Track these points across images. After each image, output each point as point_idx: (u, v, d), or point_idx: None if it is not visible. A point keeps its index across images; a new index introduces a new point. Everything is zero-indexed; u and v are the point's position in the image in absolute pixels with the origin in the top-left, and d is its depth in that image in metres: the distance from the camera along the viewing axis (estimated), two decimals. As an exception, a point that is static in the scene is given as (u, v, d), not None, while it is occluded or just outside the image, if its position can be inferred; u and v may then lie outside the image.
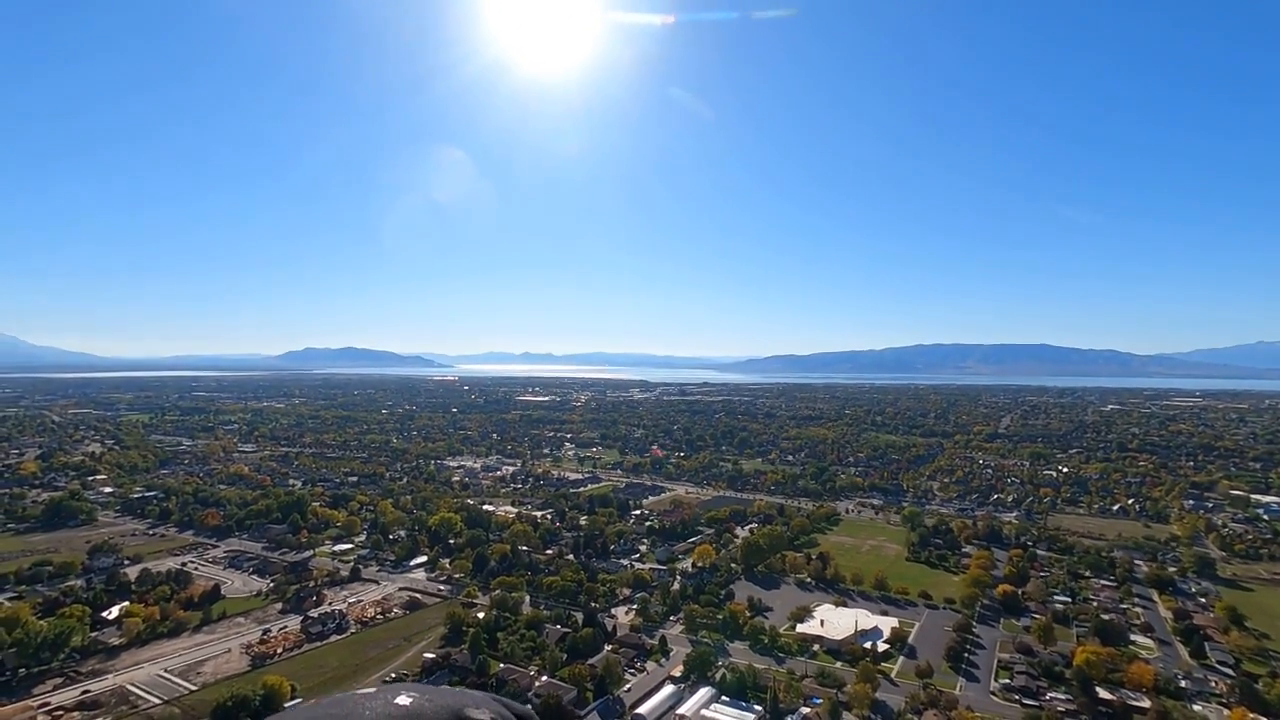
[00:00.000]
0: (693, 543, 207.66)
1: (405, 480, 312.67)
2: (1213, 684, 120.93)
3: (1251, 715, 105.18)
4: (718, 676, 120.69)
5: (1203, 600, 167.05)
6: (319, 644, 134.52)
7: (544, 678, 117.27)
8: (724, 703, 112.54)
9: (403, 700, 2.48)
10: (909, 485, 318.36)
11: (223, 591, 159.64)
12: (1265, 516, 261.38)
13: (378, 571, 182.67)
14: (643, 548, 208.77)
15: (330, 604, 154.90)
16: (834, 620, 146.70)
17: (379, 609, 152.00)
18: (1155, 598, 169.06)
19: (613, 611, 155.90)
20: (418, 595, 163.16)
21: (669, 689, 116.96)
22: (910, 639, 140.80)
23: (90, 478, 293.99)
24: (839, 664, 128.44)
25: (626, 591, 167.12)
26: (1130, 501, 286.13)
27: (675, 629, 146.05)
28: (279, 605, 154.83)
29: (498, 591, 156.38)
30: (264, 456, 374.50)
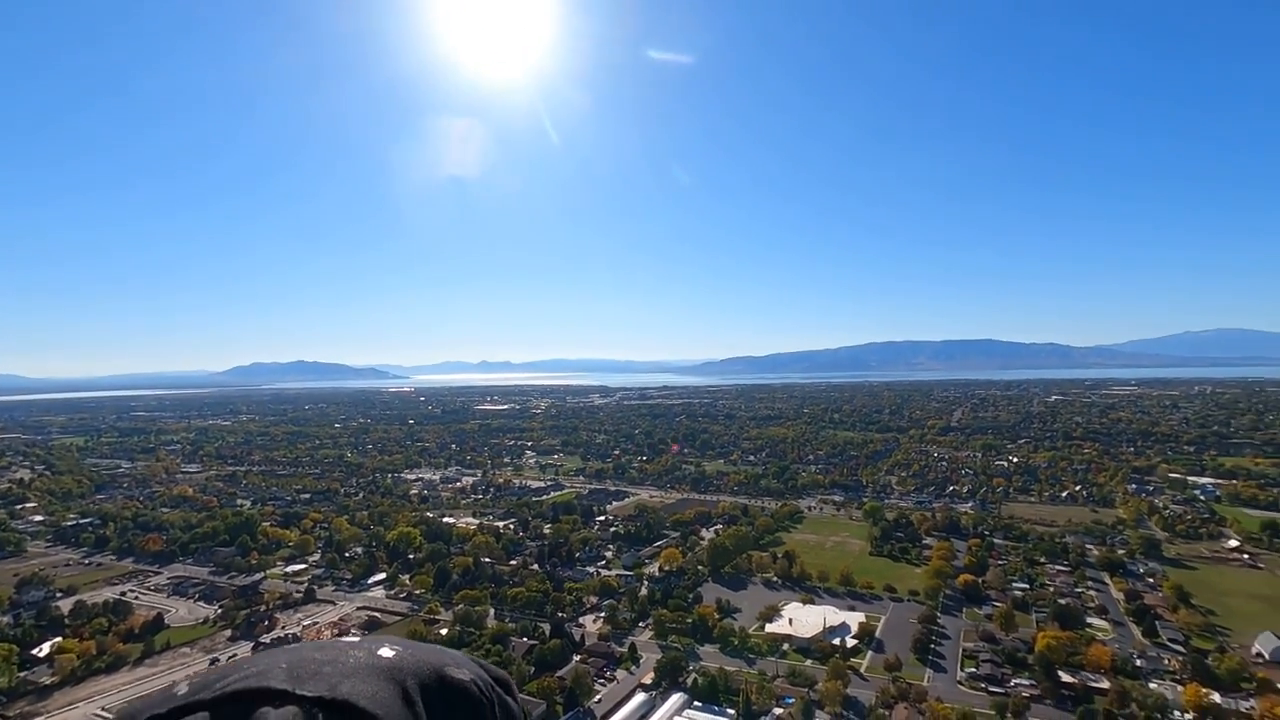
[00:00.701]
0: (659, 547, 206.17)
1: (361, 495, 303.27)
2: (1166, 661, 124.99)
3: (1204, 690, 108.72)
4: (689, 681, 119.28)
5: (1151, 580, 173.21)
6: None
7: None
8: (696, 708, 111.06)
9: (385, 652, 2.45)
10: (868, 480, 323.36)
11: (166, 621, 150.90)
12: (1202, 497, 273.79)
13: (334, 591, 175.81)
14: (608, 554, 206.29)
15: (284, 628, 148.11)
16: (802, 618, 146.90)
17: (336, 630, 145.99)
18: (1107, 580, 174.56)
19: (580, 620, 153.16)
20: (377, 614, 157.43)
21: (640, 697, 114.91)
22: (877, 633, 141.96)
23: (18, 506, 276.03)
24: (809, 662, 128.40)
25: (594, 599, 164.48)
26: (1078, 488, 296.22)
27: (644, 635, 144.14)
28: (228, 632, 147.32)
29: (461, 606, 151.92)
30: (210, 477, 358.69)
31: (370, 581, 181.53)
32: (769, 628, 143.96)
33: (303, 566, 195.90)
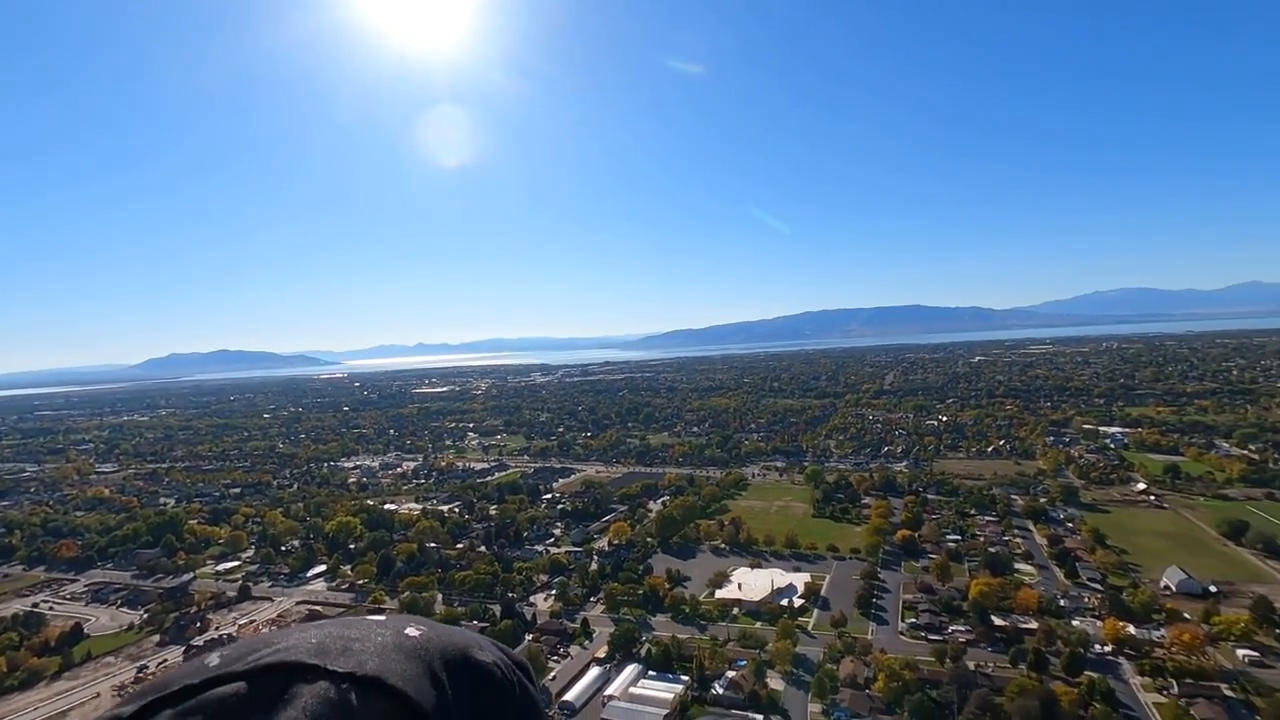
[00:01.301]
0: (607, 521, 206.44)
1: (295, 486, 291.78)
2: (1086, 600, 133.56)
3: (1121, 624, 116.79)
4: (643, 652, 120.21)
5: (1070, 525, 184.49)
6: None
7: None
8: (651, 677, 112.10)
9: (411, 631, 2.51)
10: (808, 445, 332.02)
11: (86, 630, 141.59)
12: (1112, 445, 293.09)
13: (270, 587, 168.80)
14: (557, 531, 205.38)
15: (217, 629, 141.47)
16: (751, 582, 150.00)
17: (275, 627, 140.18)
18: (1031, 527, 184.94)
19: (531, 599, 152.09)
20: (318, 608, 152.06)
21: (595, 671, 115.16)
22: (823, 591, 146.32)
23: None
24: (759, 624, 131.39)
25: (544, 578, 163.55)
26: (1002, 442, 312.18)
27: (596, 610, 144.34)
28: (156, 638, 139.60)
29: (407, 594, 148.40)
30: (128, 476, 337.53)
31: (309, 575, 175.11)
32: (719, 594, 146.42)
33: (235, 564, 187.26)
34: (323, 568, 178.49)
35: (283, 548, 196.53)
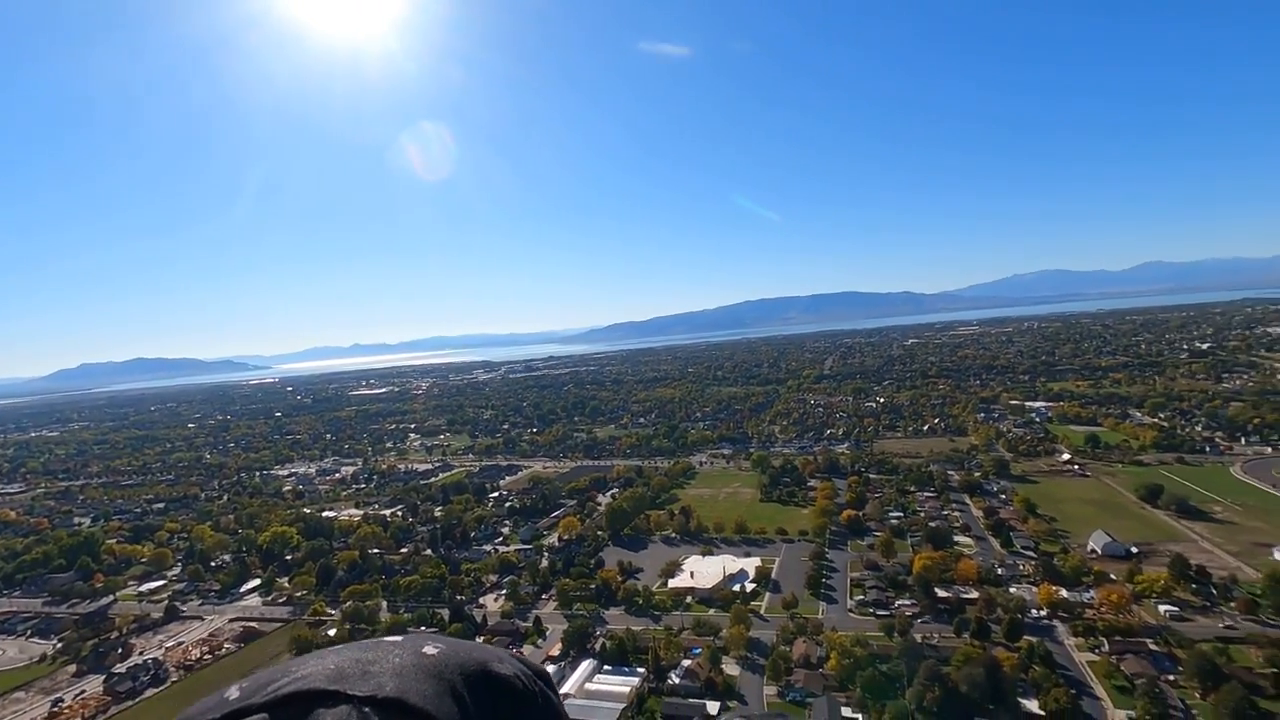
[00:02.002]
0: (556, 517, 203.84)
1: (225, 498, 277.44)
2: (1021, 567, 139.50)
3: (1054, 588, 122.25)
4: (597, 647, 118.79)
5: (1003, 497, 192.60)
6: (131, 703, 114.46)
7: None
8: (606, 672, 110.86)
9: (429, 650, 2.53)
10: (753, 432, 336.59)
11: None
12: (1037, 419, 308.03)
13: (200, 606, 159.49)
14: (505, 530, 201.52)
15: (141, 653, 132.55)
16: (702, 570, 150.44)
17: (206, 648, 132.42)
18: (967, 500, 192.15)
19: (481, 601, 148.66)
20: (253, 624, 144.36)
21: (549, 669, 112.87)
22: (773, 575, 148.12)
23: None
24: (712, 611, 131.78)
25: (493, 578, 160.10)
26: (936, 421, 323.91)
27: (549, 607, 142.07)
28: (73, 668, 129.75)
29: (349, 603, 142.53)
30: (37, 496, 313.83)
31: (243, 590, 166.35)
32: (672, 583, 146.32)
33: (160, 583, 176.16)
34: (257, 581, 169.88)
35: (213, 563, 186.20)
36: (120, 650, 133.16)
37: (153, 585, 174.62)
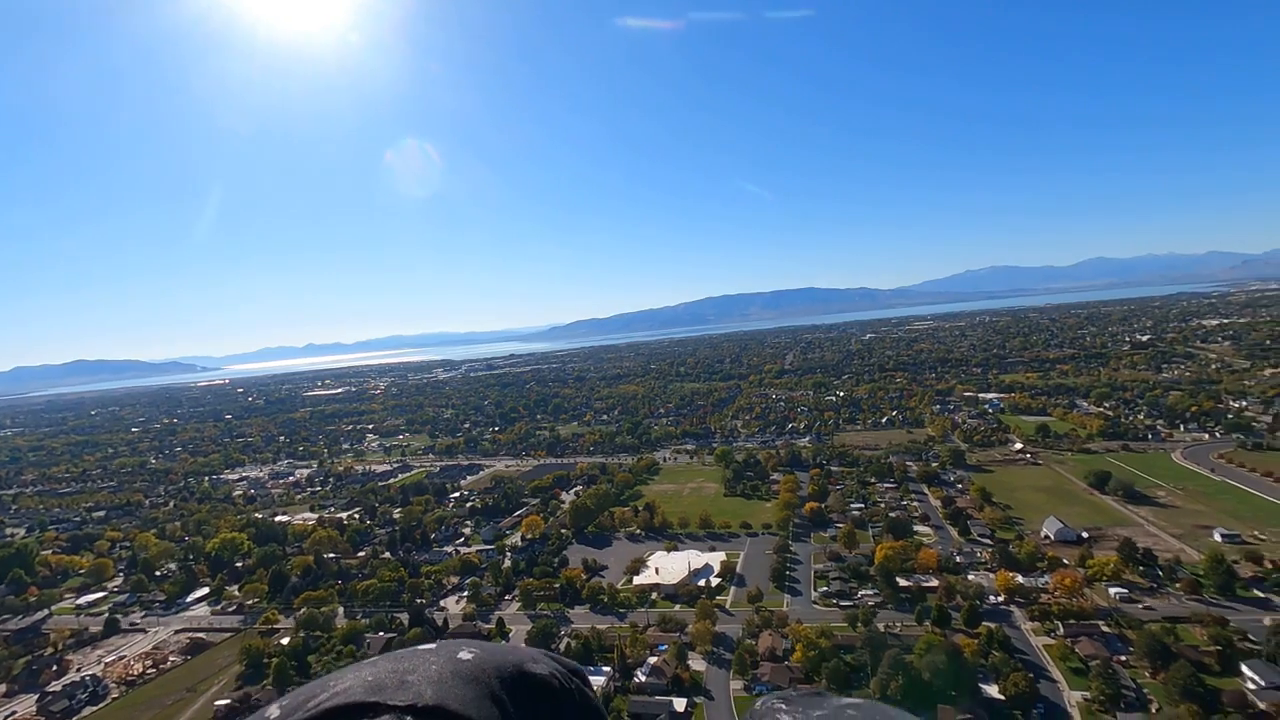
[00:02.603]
0: (519, 516, 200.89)
1: (171, 504, 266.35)
2: (979, 555, 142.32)
3: (1010, 574, 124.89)
4: (562, 647, 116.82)
5: (960, 486, 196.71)
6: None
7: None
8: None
9: (464, 655, 2.56)
10: (716, 427, 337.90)
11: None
12: (990, 410, 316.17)
13: (144, 617, 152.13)
14: (466, 530, 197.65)
15: (79, 669, 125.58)
16: (667, 566, 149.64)
17: (149, 662, 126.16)
18: (926, 490, 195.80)
19: (442, 604, 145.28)
20: (201, 635, 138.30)
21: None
22: (738, 568, 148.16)
23: None
24: (678, 607, 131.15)
25: (455, 579, 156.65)
26: (894, 413, 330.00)
27: (512, 608, 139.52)
28: (2, 687, 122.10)
29: (304, 610, 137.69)
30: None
31: (190, 599, 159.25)
32: (637, 580, 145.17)
33: (100, 595, 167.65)
34: (205, 590, 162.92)
35: (157, 572, 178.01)
36: (55, 667, 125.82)
37: (92, 597, 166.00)
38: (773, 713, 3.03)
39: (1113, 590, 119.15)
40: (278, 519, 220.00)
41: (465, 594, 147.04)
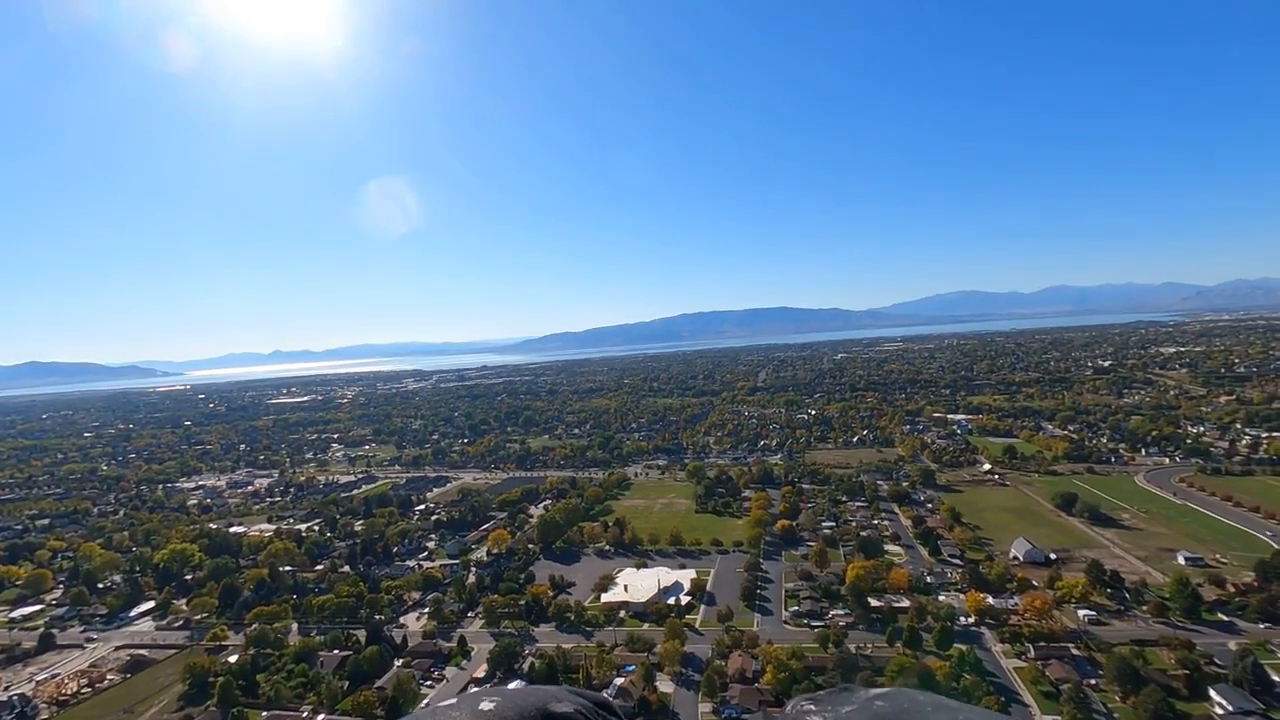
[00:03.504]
0: (485, 530, 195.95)
1: (121, 513, 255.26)
2: (949, 575, 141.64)
3: (981, 595, 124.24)
4: (525, 667, 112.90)
5: (930, 506, 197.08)
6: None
7: (320, 716, 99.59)
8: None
9: (485, 706, 2.53)
10: (688, 443, 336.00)
11: None
12: (959, 431, 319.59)
13: (82, 633, 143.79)
14: (430, 544, 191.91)
15: (7, 688, 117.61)
16: (636, 583, 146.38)
17: (85, 680, 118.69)
18: (896, 510, 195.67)
19: (402, 620, 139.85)
20: (143, 652, 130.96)
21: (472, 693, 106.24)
22: (709, 587, 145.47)
23: None
24: (646, 625, 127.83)
25: (416, 595, 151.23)
26: (865, 432, 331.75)
27: (475, 625, 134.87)
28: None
29: (255, 626, 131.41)
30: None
31: (133, 614, 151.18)
32: (605, 597, 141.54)
33: (37, 608, 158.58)
34: (151, 604, 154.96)
35: (100, 585, 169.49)
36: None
37: (27, 610, 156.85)
38: (801, 715, 2.93)
39: (1081, 612, 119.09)
40: (233, 530, 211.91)
41: (426, 610, 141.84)
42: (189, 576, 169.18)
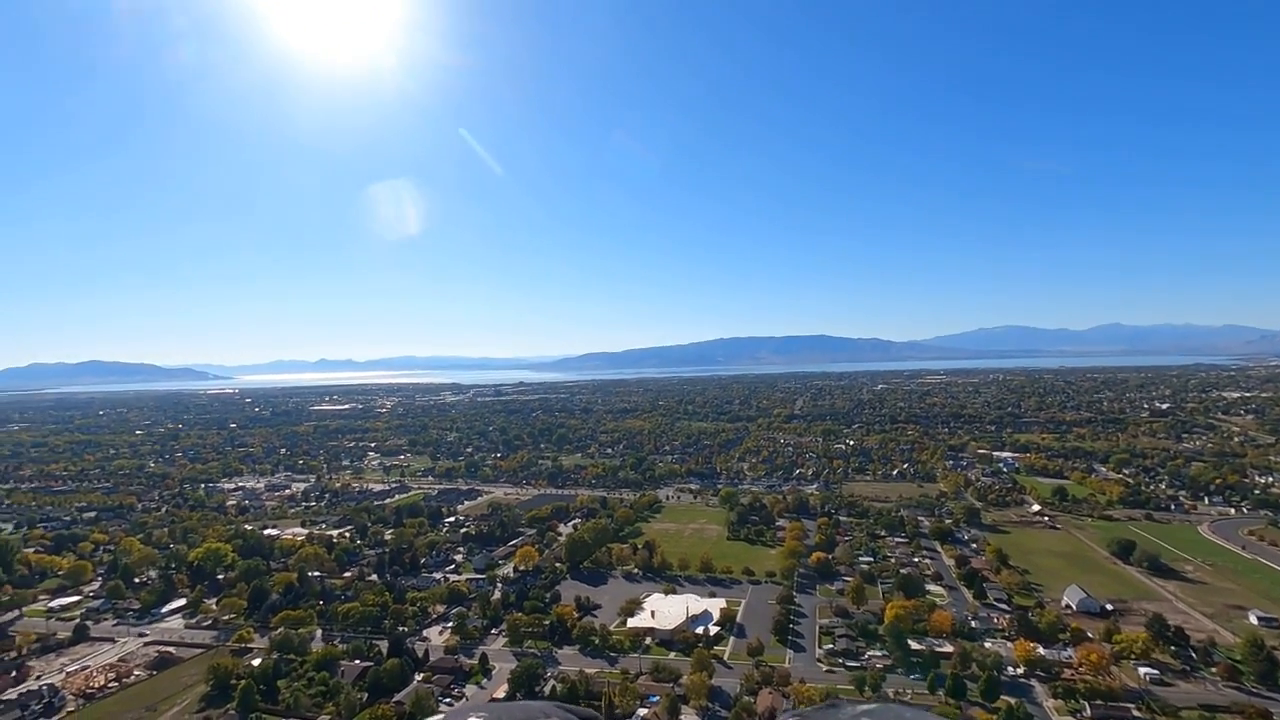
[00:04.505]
0: (514, 546, 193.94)
1: (164, 510, 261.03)
2: (995, 621, 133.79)
3: (1031, 644, 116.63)
4: (546, 690, 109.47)
5: (974, 546, 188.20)
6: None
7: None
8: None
9: None
10: (722, 468, 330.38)
11: None
12: (1005, 469, 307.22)
13: (115, 626, 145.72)
14: (458, 557, 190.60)
15: (39, 677, 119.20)
16: (664, 609, 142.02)
17: (113, 674, 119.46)
18: (939, 548, 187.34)
19: (425, 634, 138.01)
20: (170, 649, 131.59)
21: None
22: (739, 618, 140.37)
23: None
24: (673, 654, 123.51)
25: (440, 608, 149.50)
26: (905, 466, 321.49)
27: (498, 643, 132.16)
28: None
29: (279, 630, 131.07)
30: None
31: (165, 610, 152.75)
32: (631, 622, 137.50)
33: (75, 599, 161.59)
34: (182, 602, 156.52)
35: (136, 579, 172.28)
36: (15, 674, 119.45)
37: (65, 601, 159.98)
38: None
39: (1142, 670, 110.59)
40: (267, 532, 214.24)
41: (450, 625, 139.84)
42: (221, 576, 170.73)
